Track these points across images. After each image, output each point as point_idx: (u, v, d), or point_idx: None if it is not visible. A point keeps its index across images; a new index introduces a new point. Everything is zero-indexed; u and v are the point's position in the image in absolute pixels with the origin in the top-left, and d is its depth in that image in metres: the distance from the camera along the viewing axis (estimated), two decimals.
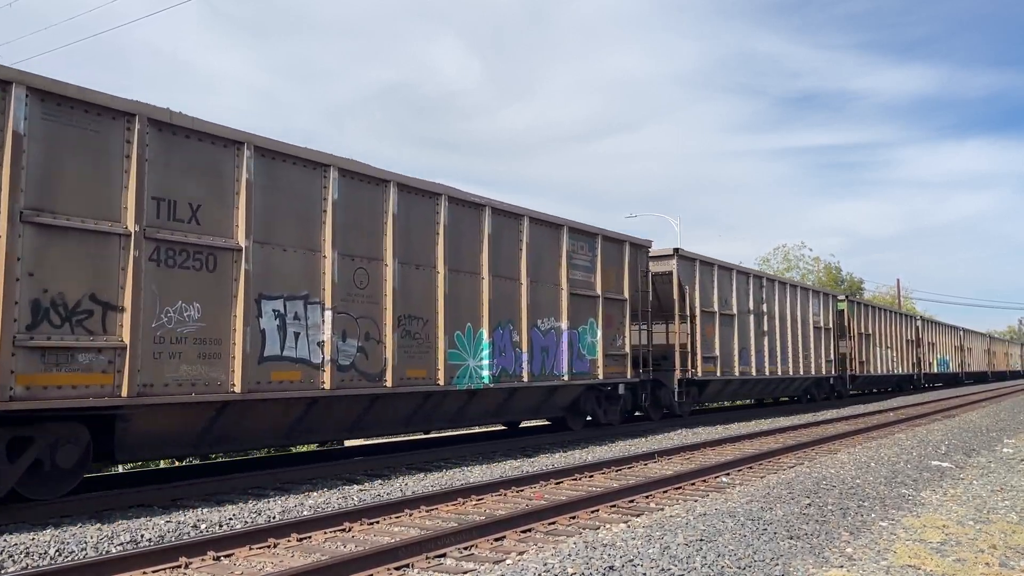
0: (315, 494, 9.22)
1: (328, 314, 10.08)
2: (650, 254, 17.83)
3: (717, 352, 19.81)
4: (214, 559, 6.33)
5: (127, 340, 8.06)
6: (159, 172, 8.53)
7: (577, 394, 15.29)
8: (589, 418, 16.19)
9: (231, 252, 9.16)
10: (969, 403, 29.49)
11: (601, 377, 15.34)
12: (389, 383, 10.88)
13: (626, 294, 16.26)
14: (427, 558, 6.33)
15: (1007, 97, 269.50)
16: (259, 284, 9.39)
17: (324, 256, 10.14)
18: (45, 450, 7.81)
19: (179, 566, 6.14)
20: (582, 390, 15.32)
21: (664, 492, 9.54)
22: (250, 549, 6.61)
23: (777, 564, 6.11)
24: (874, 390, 36.92)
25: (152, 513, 8.06)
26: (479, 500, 8.89)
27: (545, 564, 5.87)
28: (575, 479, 10.45)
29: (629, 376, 16.25)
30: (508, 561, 6.28)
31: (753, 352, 21.84)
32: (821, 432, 17.14)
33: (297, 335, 9.74)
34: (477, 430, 17.34)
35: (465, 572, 6.03)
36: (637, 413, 18.45)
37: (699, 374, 18.91)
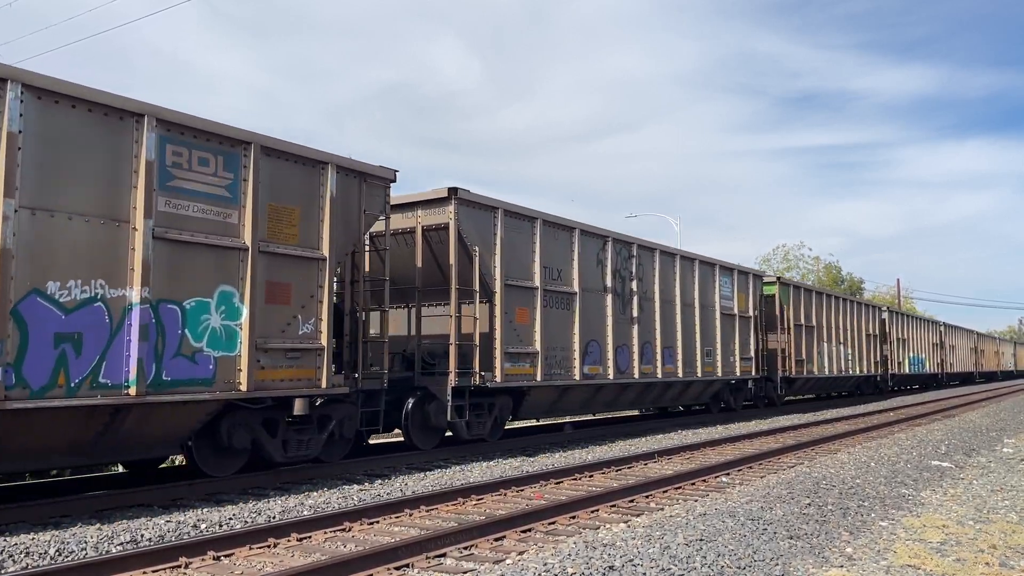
0: (315, 494, 9.22)
1: None
2: (397, 194, 12.10)
3: (538, 346, 13.64)
4: (214, 559, 6.33)
5: None
6: None
7: (200, 419, 8.96)
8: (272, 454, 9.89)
9: None
10: (969, 403, 29.51)
11: (246, 388, 9.00)
12: None
13: (325, 251, 10.06)
14: (427, 558, 6.33)
15: (1007, 97, 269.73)
16: None
17: None
18: None
19: (179, 566, 6.14)
20: (213, 410, 9.02)
21: (664, 492, 9.54)
22: (250, 549, 6.60)
23: (777, 564, 6.11)
24: (829, 394, 32.19)
25: (152, 513, 8.06)
26: (479, 500, 8.89)
27: (545, 564, 5.87)
28: (575, 479, 10.45)
29: (325, 385, 9.96)
30: (508, 561, 6.28)
31: (611, 347, 15.63)
32: (821, 432, 17.15)
33: None
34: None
35: (465, 572, 6.03)
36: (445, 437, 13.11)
37: (498, 379, 12.71)
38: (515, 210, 13.63)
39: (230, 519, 7.78)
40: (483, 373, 12.67)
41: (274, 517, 7.96)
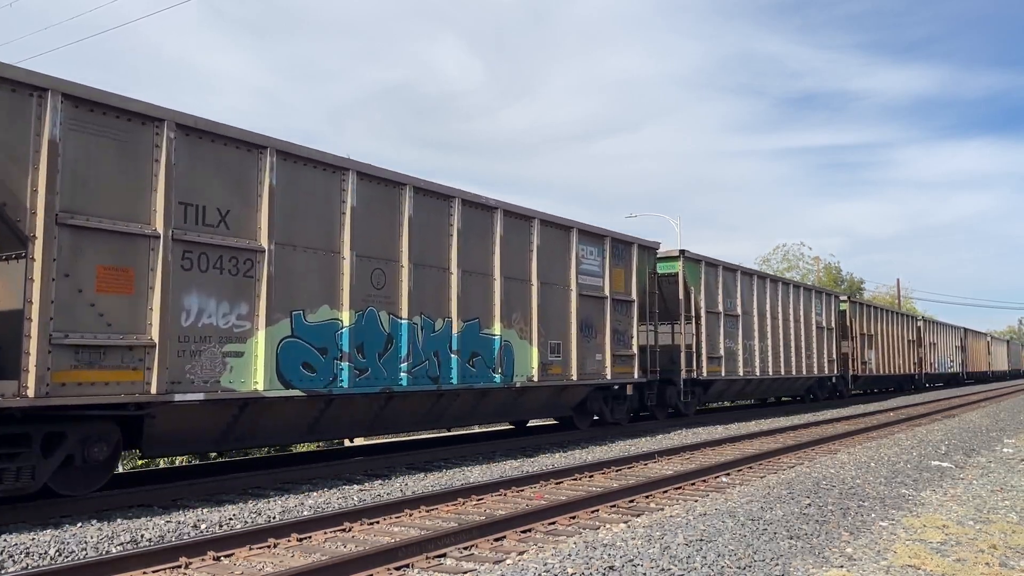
0: (315, 494, 9.22)
1: None
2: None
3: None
4: (214, 559, 6.33)
5: None
6: None
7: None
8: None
9: None
10: (969, 403, 29.51)
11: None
12: None
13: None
14: (427, 558, 6.33)
15: (1007, 97, 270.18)
16: None
17: None
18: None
19: (179, 566, 6.14)
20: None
21: (664, 492, 9.54)
22: (250, 549, 6.60)
23: (777, 564, 6.11)
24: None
25: (152, 513, 8.06)
26: (479, 500, 8.88)
27: (545, 564, 5.87)
28: (575, 479, 10.45)
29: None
30: (508, 561, 6.28)
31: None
32: (821, 432, 17.13)
33: None
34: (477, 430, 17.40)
35: (465, 572, 6.03)
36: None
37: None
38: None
39: (230, 519, 7.77)
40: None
41: (274, 517, 7.96)
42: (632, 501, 8.95)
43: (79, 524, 7.47)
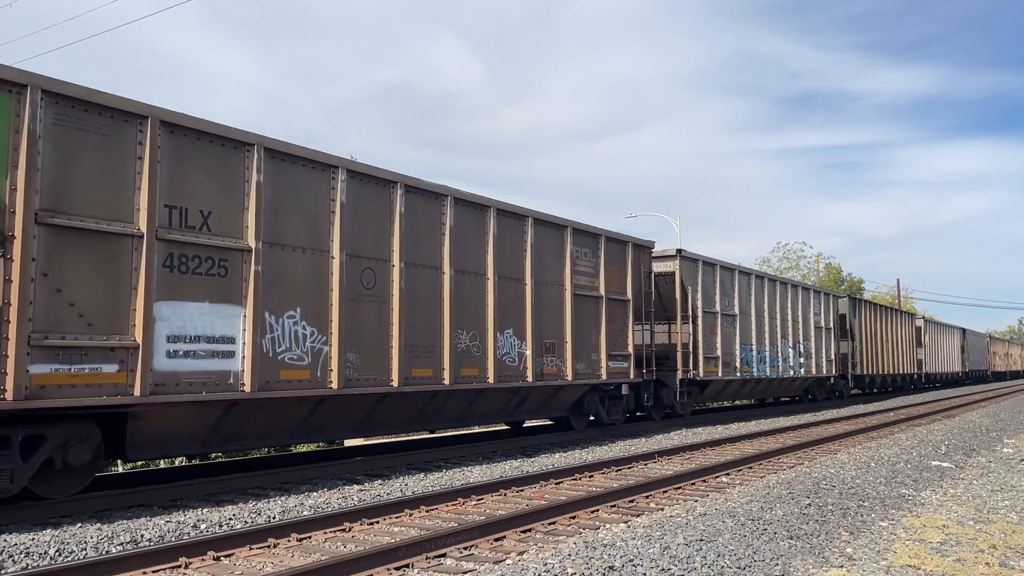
0: (315, 494, 9.22)
1: None
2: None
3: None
4: (214, 559, 6.33)
5: None
6: None
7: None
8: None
9: None
10: (969, 403, 29.52)
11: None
12: None
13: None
14: (427, 558, 6.33)
15: (1007, 97, 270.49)
16: None
17: None
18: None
19: (179, 566, 6.14)
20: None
21: (664, 492, 9.54)
22: (250, 549, 6.60)
23: (777, 564, 6.11)
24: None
25: (152, 513, 8.06)
26: (479, 500, 8.89)
27: (545, 564, 5.87)
28: (575, 479, 10.45)
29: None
30: (508, 561, 6.28)
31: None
32: (821, 432, 17.14)
33: None
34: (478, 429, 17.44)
35: (465, 572, 6.03)
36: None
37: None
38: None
39: (230, 519, 7.78)
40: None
41: (274, 517, 7.96)
42: (632, 501, 8.95)
43: (79, 524, 7.47)
